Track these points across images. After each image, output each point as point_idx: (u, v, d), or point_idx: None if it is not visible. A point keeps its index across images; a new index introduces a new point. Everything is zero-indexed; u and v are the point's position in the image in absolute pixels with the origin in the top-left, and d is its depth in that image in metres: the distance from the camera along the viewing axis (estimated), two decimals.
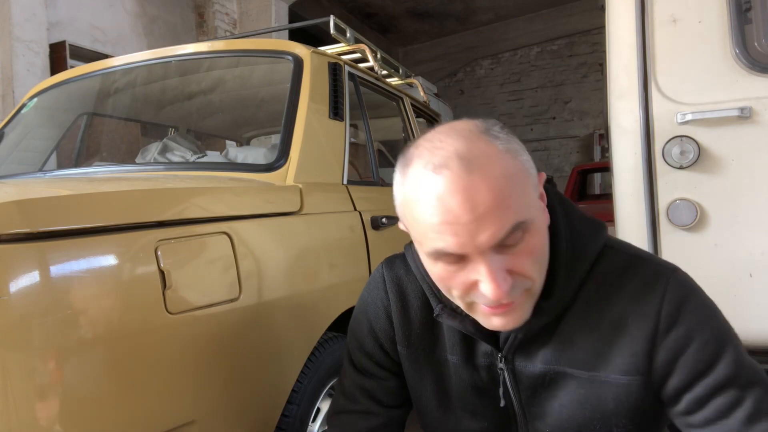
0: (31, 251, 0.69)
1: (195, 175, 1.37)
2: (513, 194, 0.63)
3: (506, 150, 0.65)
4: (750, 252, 1.38)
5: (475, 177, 0.61)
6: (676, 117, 1.43)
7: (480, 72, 9.83)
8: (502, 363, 0.77)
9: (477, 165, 0.62)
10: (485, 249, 0.62)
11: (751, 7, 1.43)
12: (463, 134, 0.66)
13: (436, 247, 0.64)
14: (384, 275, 0.88)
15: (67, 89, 1.90)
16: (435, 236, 0.64)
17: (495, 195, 0.61)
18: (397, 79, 2.68)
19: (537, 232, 0.66)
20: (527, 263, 0.66)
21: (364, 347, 0.89)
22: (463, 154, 0.63)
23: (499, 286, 0.63)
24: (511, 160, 0.64)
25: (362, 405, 0.88)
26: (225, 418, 0.94)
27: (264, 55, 1.69)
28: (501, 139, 0.65)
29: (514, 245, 0.64)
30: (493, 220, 0.61)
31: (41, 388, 0.68)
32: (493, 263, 0.63)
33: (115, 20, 4.62)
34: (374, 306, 0.88)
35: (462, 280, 0.66)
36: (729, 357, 0.68)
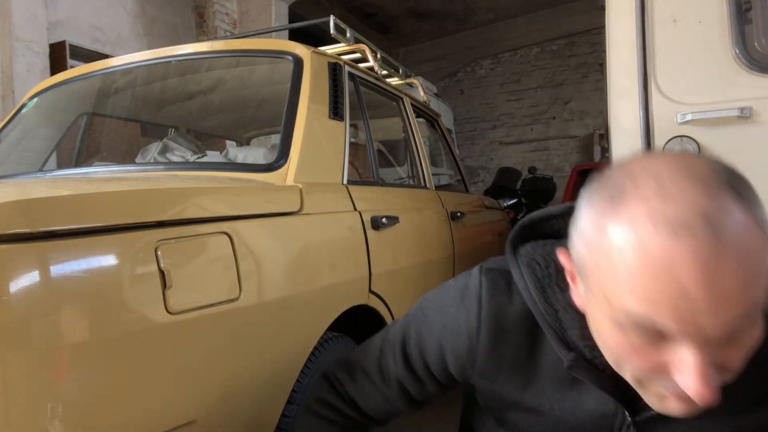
0: (31, 251, 0.69)
1: (195, 175, 1.37)
2: (761, 281, 0.49)
3: (761, 221, 0.50)
4: None
5: (725, 255, 0.47)
6: (676, 117, 1.43)
7: (480, 72, 9.83)
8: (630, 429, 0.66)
9: (729, 242, 0.47)
10: (708, 339, 0.49)
11: (751, 7, 1.43)
12: (708, 184, 0.50)
13: (638, 312, 0.50)
14: (482, 299, 0.72)
15: (67, 89, 1.90)
16: (643, 302, 0.49)
17: (744, 289, 0.48)
18: (397, 79, 2.68)
19: (758, 326, 0.52)
20: (738, 359, 0.52)
21: (425, 353, 0.78)
22: (709, 217, 0.48)
23: (707, 385, 0.49)
24: (759, 232, 0.49)
25: (392, 392, 0.82)
26: (225, 418, 0.94)
27: (264, 55, 1.69)
28: (754, 202, 0.51)
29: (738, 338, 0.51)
30: (735, 307, 0.48)
31: (41, 388, 0.68)
32: (707, 357, 0.49)
33: (115, 20, 4.62)
34: (457, 327, 0.74)
35: (650, 361, 0.52)
36: None
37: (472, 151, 9.73)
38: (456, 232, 2.20)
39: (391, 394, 0.83)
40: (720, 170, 0.52)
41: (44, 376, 0.68)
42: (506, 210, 4.72)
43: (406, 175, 2.64)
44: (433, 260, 1.94)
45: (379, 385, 0.83)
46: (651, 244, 0.48)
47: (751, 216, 0.49)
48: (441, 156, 3.22)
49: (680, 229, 0.48)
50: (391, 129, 2.67)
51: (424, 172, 2.24)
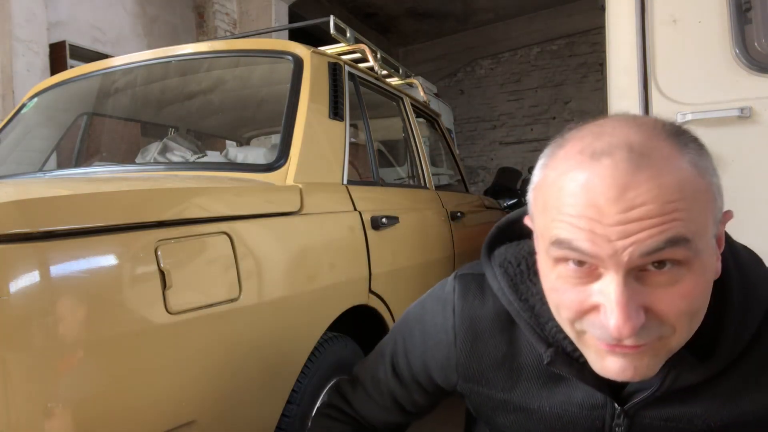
0: (31, 251, 0.69)
1: (195, 175, 1.37)
2: (684, 208, 0.49)
3: (693, 163, 0.51)
4: None
5: (641, 175, 0.49)
6: (676, 117, 1.43)
7: (480, 72, 9.83)
8: (619, 419, 0.65)
9: (649, 163, 0.49)
10: (626, 260, 0.49)
11: (751, 7, 1.43)
12: (645, 128, 0.53)
13: (561, 237, 0.52)
14: (455, 307, 0.74)
15: (67, 89, 1.90)
16: (564, 226, 0.52)
17: (660, 204, 0.49)
18: (397, 79, 2.68)
19: (700, 275, 0.52)
20: (673, 308, 0.51)
21: (411, 364, 0.80)
22: (635, 147, 0.50)
23: (628, 319, 0.49)
24: (696, 175, 0.51)
25: (385, 402, 0.84)
26: (225, 418, 0.94)
27: (264, 55, 1.69)
28: (691, 149, 0.52)
29: (661, 274, 0.51)
30: (647, 228, 0.48)
31: (41, 388, 0.68)
32: (627, 289, 0.50)
33: (115, 20, 4.62)
34: (435, 335, 0.76)
35: (579, 298, 0.54)
36: None
37: (472, 151, 9.73)
38: (456, 232, 2.20)
39: (386, 404, 0.84)
40: (668, 124, 0.54)
41: (44, 376, 0.68)
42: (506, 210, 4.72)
43: (406, 175, 2.64)
44: (433, 260, 1.94)
45: (374, 396, 0.85)
46: (575, 169, 0.52)
47: (687, 160, 0.51)
48: (441, 156, 3.22)
49: (602, 155, 0.51)
50: (391, 129, 2.67)
51: (424, 172, 2.24)
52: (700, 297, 0.53)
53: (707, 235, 0.52)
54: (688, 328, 0.54)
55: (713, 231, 0.54)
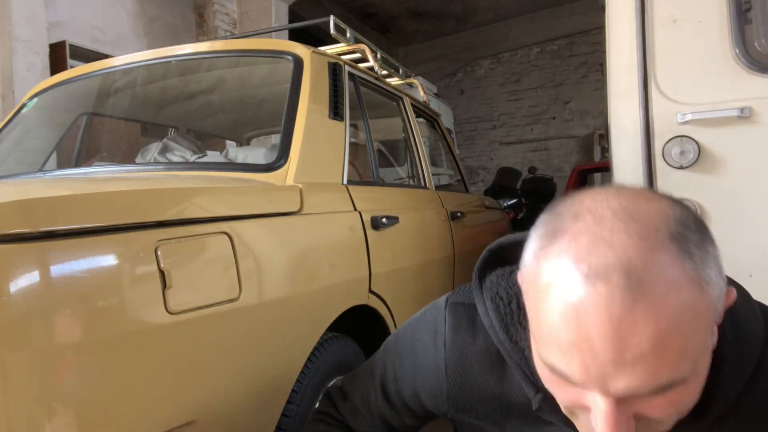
0: (31, 251, 0.69)
1: (195, 175, 1.37)
2: (681, 346, 0.47)
3: (696, 278, 0.47)
4: (750, 252, 1.38)
5: (638, 309, 0.45)
6: (676, 117, 1.43)
7: (480, 72, 9.83)
8: None
9: (648, 293, 0.46)
10: (617, 397, 0.48)
11: (751, 7, 1.43)
12: (645, 233, 0.48)
13: (554, 366, 0.51)
14: (446, 341, 0.73)
15: (67, 89, 1.90)
16: (558, 354, 0.50)
17: (657, 343, 0.46)
18: (397, 79, 2.68)
19: (695, 383, 0.51)
20: (666, 412, 0.50)
21: (401, 390, 0.80)
22: (633, 273, 0.46)
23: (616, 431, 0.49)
24: (697, 294, 0.47)
25: (374, 420, 0.85)
26: (225, 418, 0.94)
27: (264, 55, 1.69)
28: (695, 257, 0.48)
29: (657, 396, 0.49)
30: (641, 372, 0.46)
31: (41, 388, 0.68)
32: (617, 408, 0.49)
33: (115, 20, 4.62)
34: (426, 367, 0.76)
35: (571, 397, 0.53)
36: None
37: (472, 151, 9.73)
38: (456, 232, 2.20)
39: (375, 423, 0.85)
40: (673, 220, 0.49)
41: (44, 376, 0.68)
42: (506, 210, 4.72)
43: (406, 175, 2.64)
44: (433, 260, 1.94)
45: (363, 413, 0.86)
46: (567, 288, 0.48)
47: (689, 277, 0.47)
48: (441, 156, 3.22)
49: (596, 279, 0.46)
50: (391, 129, 2.67)
51: (424, 172, 2.24)
52: (692, 400, 0.52)
53: (705, 349, 0.50)
54: (678, 418, 0.53)
55: (712, 337, 0.52)
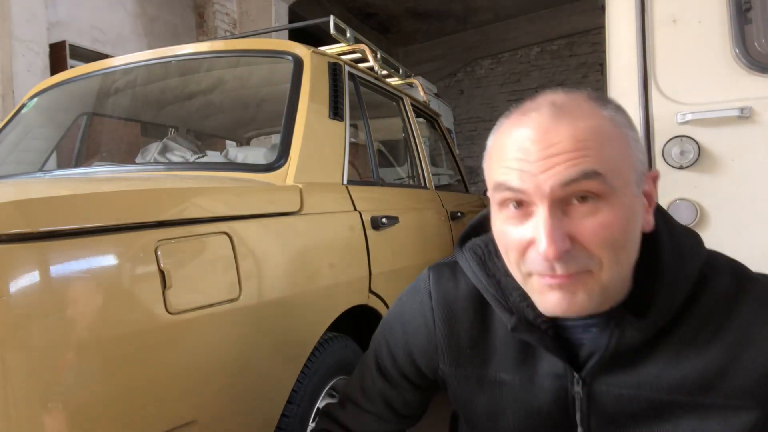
0: (31, 251, 0.69)
1: (195, 175, 1.37)
2: (597, 147, 0.58)
3: (609, 117, 0.61)
4: (750, 252, 1.38)
5: (560, 122, 0.60)
6: (676, 117, 1.43)
7: (480, 72, 9.83)
8: (578, 386, 0.69)
9: (567, 113, 0.60)
10: (548, 192, 0.58)
11: (751, 7, 1.43)
12: (569, 92, 0.64)
13: (499, 180, 0.62)
14: (431, 290, 0.81)
15: (67, 89, 1.90)
16: (502, 171, 0.62)
17: (574, 141, 0.58)
18: (397, 79, 2.68)
19: (618, 209, 0.59)
20: (595, 237, 0.59)
21: (396, 358, 0.84)
22: (557, 103, 0.62)
23: (553, 242, 0.57)
24: (609, 125, 0.60)
25: (378, 408, 0.86)
26: (225, 418, 0.94)
27: (264, 55, 1.69)
28: (608, 108, 0.62)
29: (584, 207, 0.59)
30: (563, 162, 0.58)
31: (41, 388, 0.68)
32: (553, 218, 0.59)
33: (115, 20, 4.62)
34: (415, 322, 0.81)
35: (519, 236, 0.62)
36: None
37: (472, 151, 9.73)
38: (456, 232, 2.20)
39: (378, 411, 0.86)
40: (594, 93, 0.65)
41: (44, 376, 0.68)
42: None
43: (406, 175, 2.64)
44: (433, 260, 1.93)
45: (366, 407, 0.87)
46: (511, 126, 0.63)
47: (602, 114, 0.61)
48: (441, 156, 3.22)
49: (531, 111, 0.62)
50: (391, 129, 2.67)
51: (424, 172, 2.24)
52: (620, 230, 0.60)
53: (623, 176, 0.60)
54: (615, 263, 0.60)
55: (634, 178, 0.62)
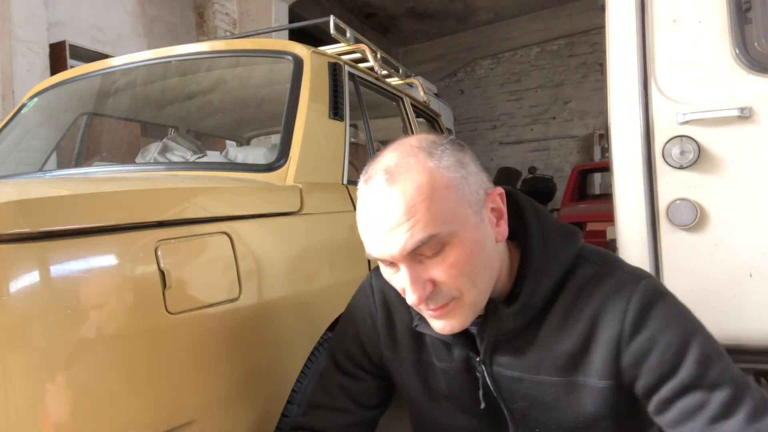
0: (31, 251, 0.69)
1: (195, 175, 1.36)
2: (425, 209, 0.66)
3: (435, 169, 0.68)
4: (750, 252, 1.38)
5: (392, 189, 0.67)
6: (676, 117, 1.43)
7: (480, 72, 9.83)
8: (481, 367, 0.80)
9: (397, 178, 0.67)
10: (399, 258, 0.68)
11: (751, 7, 1.43)
12: (401, 149, 0.71)
13: (369, 253, 0.72)
14: (372, 284, 0.92)
15: (67, 89, 1.90)
16: (366, 243, 0.72)
17: (405, 210, 0.66)
18: (397, 79, 2.68)
19: (461, 247, 0.68)
20: (449, 275, 0.69)
21: (349, 350, 0.93)
22: (389, 168, 0.69)
23: (415, 291, 0.68)
24: (433, 179, 0.67)
25: (339, 403, 0.92)
26: (225, 418, 0.94)
27: (264, 55, 1.69)
28: (435, 156, 0.69)
29: (432, 257, 0.68)
30: (403, 233, 0.66)
31: (41, 388, 0.68)
32: (411, 271, 0.68)
33: (115, 20, 4.62)
34: (361, 313, 0.93)
35: (397, 284, 0.73)
36: (692, 359, 0.69)
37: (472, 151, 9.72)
38: None
39: (341, 405, 0.92)
40: (429, 138, 0.73)
41: (44, 376, 0.68)
42: None
43: None
44: None
45: (328, 403, 0.92)
46: (360, 197, 0.71)
47: (429, 166, 0.68)
48: None
49: (371, 179, 0.70)
50: (391, 129, 2.67)
51: None
52: (467, 263, 0.69)
53: (459, 218, 0.68)
54: (473, 288, 0.71)
55: (471, 211, 0.70)
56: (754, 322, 1.38)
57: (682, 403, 0.69)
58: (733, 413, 0.67)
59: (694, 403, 0.69)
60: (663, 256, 1.45)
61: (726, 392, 0.68)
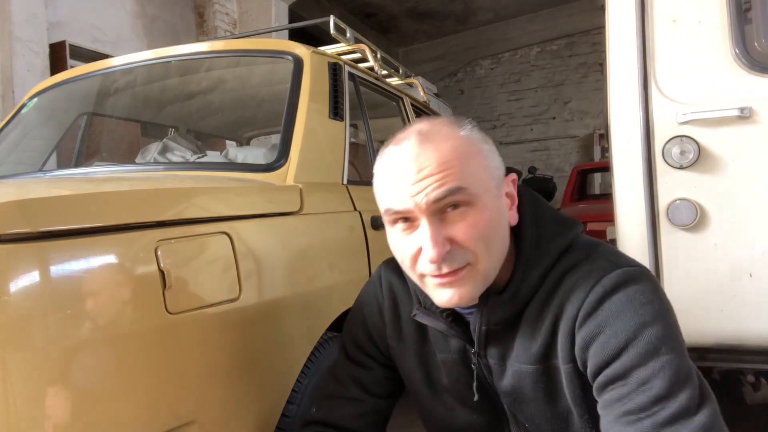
0: (31, 251, 0.69)
1: (195, 175, 1.36)
2: (458, 165, 0.70)
3: (466, 136, 0.73)
4: (750, 252, 1.38)
5: (426, 146, 0.71)
6: (676, 117, 1.43)
7: (480, 72, 9.83)
8: (475, 358, 0.82)
9: (431, 139, 0.72)
10: (424, 208, 0.70)
11: (751, 7, 1.43)
12: (431, 120, 0.77)
13: (386, 207, 0.74)
14: (381, 275, 0.95)
15: (67, 89, 1.90)
16: (387, 197, 0.73)
17: (439, 162, 0.70)
18: (397, 79, 2.68)
19: (483, 211, 0.71)
20: (468, 235, 0.71)
21: (358, 339, 0.95)
22: (422, 131, 0.73)
23: (435, 247, 0.69)
24: (466, 143, 0.72)
25: (352, 392, 0.93)
26: (225, 418, 0.94)
27: (264, 55, 1.69)
28: (465, 129, 0.74)
29: (455, 212, 0.71)
30: (433, 181, 0.69)
31: (41, 388, 0.68)
32: (433, 227, 0.70)
33: (115, 20, 4.62)
34: (369, 303, 0.95)
35: (410, 246, 0.73)
36: (636, 349, 0.67)
37: None
38: None
39: (352, 394, 0.93)
40: (452, 117, 0.77)
41: (44, 376, 0.68)
42: None
43: None
44: None
45: (341, 393, 0.93)
46: (387, 156, 0.75)
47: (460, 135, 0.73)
48: None
49: (401, 140, 0.74)
50: (391, 129, 2.66)
51: None
52: (486, 227, 0.71)
53: (483, 184, 0.72)
54: (487, 253, 0.72)
55: (493, 183, 0.74)
56: (754, 322, 1.38)
57: (608, 393, 0.69)
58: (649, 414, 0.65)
59: (618, 395, 0.68)
60: (663, 256, 1.45)
61: (654, 391, 0.65)
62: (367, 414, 0.92)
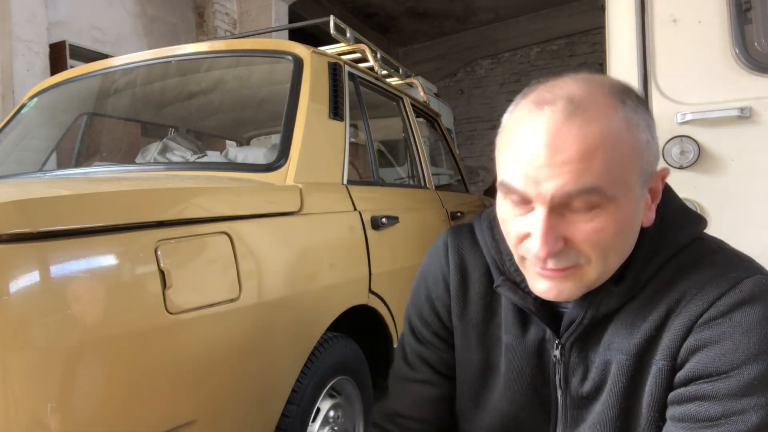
0: (31, 251, 0.69)
1: (195, 175, 1.36)
2: (603, 159, 0.57)
3: (626, 118, 0.59)
4: (750, 252, 1.38)
5: (572, 124, 0.58)
6: (676, 117, 1.43)
7: (480, 72, 9.83)
8: (557, 351, 0.72)
9: (581, 113, 0.58)
10: (547, 199, 0.59)
11: (751, 7, 1.43)
12: (591, 83, 0.61)
13: (505, 180, 0.63)
14: (447, 243, 0.85)
15: (67, 89, 1.90)
16: (509, 168, 0.62)
17: (582, 149, 0.57)
18: (397, 79, 2.68)
19: (615, 214, 0.60)
20: (589, 240, 0.60)
21: (423, 315, 0.86)
22: (574, 97, 0.59)
23: (545, 244, 0.60)
24: (623, 129, 0.59)
25: (422, 374, 0.85)
26: (225, 418, 0.94)
27: (264, 55, 1.69)
28: (628, 106, 0.60)
29: (580, 212, 0.60)
30: (567, 173, 0.57)
31: (41, 388, 0.68)
32: (549, 221, 0.60)
33: (115, 20, 4.62)
34: (434, 273, 0.85)
35: (518, 228, 0.64)
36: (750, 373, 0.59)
37: (472, 151, 9.73)
38: None
39: (422, 377, 0.85)
40: (619, 84, 0.63)
41: (44, 376, 0.68)
42: None
43: (406, 175, 2.64)
44: None
45: (411, 376, 0.86)
46: (524, 116, 0.61)
47: (619, 115, 0.59)
48: (441, 156, 3.22)
49: (544, 104, 0.60)
50: (391, 129, 2.67)
51: (424, 172, 2.24)
52: (613, 235, 0.61)
53: (627, 183, 0.60)
54: (604, 262, 0.62)
55: (639, 182, 0.61)
56: None
57: (694, 405, 0.61)
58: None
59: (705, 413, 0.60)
60: None
61: (744, 426, 0.59)
62: (440, 399, 0.85)
